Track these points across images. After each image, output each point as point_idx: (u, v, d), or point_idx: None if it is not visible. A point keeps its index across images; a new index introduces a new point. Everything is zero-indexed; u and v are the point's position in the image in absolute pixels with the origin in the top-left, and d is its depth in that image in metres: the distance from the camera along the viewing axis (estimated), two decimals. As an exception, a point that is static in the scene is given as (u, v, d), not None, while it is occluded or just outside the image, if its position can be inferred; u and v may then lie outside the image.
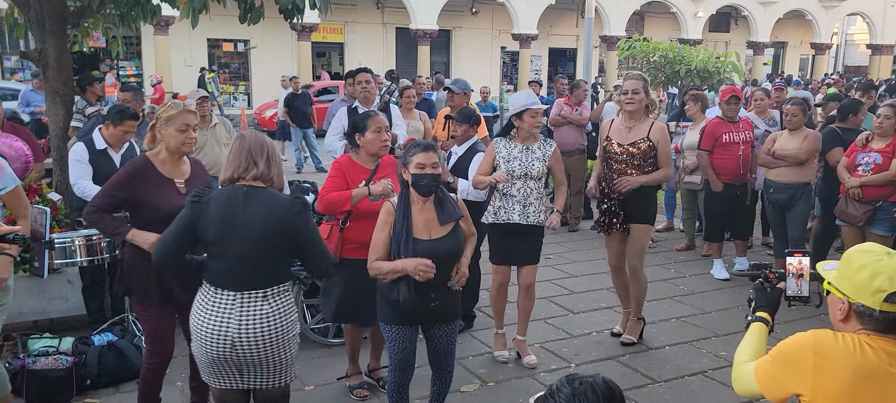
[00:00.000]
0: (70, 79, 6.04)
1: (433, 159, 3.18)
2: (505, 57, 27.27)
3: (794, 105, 5.93)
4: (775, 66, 32.27)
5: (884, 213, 5.26)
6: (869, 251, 1.87)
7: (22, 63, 18.75)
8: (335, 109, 7.33)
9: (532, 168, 4.28)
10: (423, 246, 3.12)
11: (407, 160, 3.21)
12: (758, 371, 1.99)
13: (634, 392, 4.14)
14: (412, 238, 3.12)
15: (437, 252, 3.13)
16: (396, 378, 3.34)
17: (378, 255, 3.20)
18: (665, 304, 5.75)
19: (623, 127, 4.69)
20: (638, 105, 4.59)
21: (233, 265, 2.72)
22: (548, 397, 1.68)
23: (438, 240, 3.17)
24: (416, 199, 3.22)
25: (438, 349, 3.37)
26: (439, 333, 3.33)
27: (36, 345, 4.19)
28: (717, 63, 12.55)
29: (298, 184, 6.03)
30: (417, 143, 3.28)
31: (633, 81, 4.66)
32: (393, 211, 3.21)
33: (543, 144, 4.37)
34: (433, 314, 3.24)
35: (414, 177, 3.17)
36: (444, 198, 3.26)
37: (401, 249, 3.11)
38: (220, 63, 22.45)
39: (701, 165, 6.42)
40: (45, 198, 5.08)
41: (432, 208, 3.22)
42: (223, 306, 2.72)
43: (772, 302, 2.25)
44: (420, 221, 3.18)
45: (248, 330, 2.70)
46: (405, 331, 3.26)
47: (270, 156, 2.80)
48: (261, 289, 2.73)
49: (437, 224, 3.19)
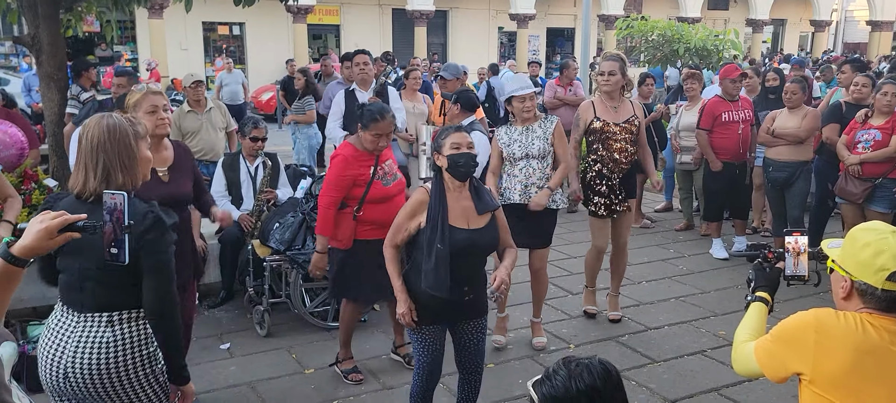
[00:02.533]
0: (64, 65, 5.98)
1: (468, 139, 3.01)
2: (502, 37, 27.12)
3: (793, 83, 5.91)
4: (774, 43, 32.12)
5: (883, 190, 5.26)
6: (873, 229, 1.86)
7: (16, 49, 18.62)
8: (331, 92, 7.32)
9: (532, 147, 4.23)
10: (462, 235, 2.95)
11: (439, 144, 3.02)
12: (758, 351, 1.98)
13: (633, 372, 4.15)
14: (449, 226, 2.93)
15: (475, 243, 2.99)
16: (424, 383, 3.15)
17: (397, 241, 3.06)
18: (664, 284, 5.76)
19: (608, 107, 4.65)
20: (614, 86, 4.59)
21: (74, 282, 2.26)
22: (545, 379, 1.68)
23: (478, 232, 3.00)
24: (452, 186, 3.02)
25: (468, 348, 3.18)
26: (469, 330, 3.15)
27: (35, 332, 4.19)
28: (716, 41, 12.50)
29: (295, 168, 6.01)
30: (447, 127, 3.14)
31: (610, 62, 4.64)
32: (426, 199, 3.02)
33: (544, 122, 4.31)
34: (465, 309, 3.07)
35: (451, 158, 2.96)
36: (480, 186, 3.11)
37: (437, 238, 2.91)
38: (215, 46, 22.30)
39: (700, 144, 6.36)
40: (42, 185, 5.06)
41: (469, 196, 3.04)
42: (63, 328, 2.29)
43: (771, 282, 2.24)
44: (457, 209, 2.99)
45: (82, 359, 2.23)
46: (434, 331, 3.08)
47: (110, 160, 2.23)
48: (105, 312, 2.25)
49: (474, 213, 3.01)
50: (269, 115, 16.31)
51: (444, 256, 2.89)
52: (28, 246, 1.79)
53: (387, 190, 3.82)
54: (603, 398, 1.60)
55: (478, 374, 3.26)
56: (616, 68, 4.58)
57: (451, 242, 2.91)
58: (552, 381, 1.64)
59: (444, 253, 2.89)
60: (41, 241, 1.79)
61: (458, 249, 2.92)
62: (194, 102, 6.23)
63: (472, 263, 3.04)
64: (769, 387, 3.84)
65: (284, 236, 4.54)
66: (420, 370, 3.14)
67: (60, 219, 1.81)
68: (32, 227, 1.80)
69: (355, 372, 4.06)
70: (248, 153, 5.22)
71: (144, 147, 2.36)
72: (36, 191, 4.81)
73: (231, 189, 5.16)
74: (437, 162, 3.04)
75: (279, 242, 4.54)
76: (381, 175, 3.82)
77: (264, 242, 4.64)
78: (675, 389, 3.97)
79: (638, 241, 7.05)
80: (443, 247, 2.89)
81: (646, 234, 7.30)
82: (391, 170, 3.90)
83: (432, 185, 3.05)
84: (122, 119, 2.32)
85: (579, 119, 4.72)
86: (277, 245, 4.54)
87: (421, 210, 3.03)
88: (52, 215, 1.83)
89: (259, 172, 5.17)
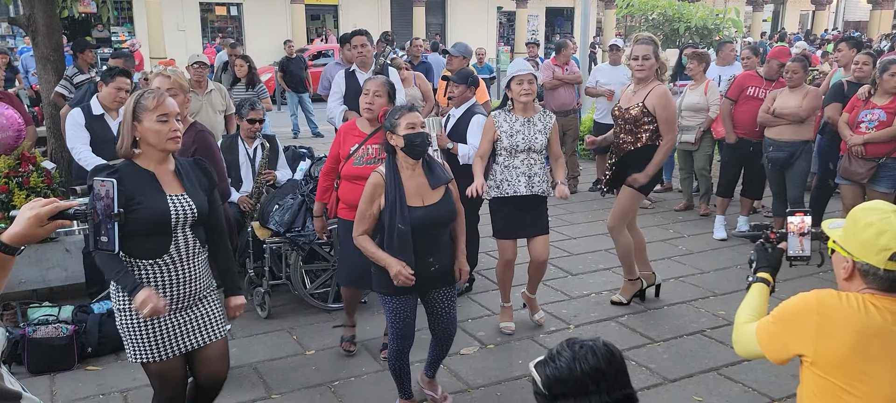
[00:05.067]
0: (60, 46, 5.94)
1: (420, 118, 3.13)
2: (501, 17, 26.94)
3: (794, 61, 5.87)
4: (775, 22, 31.93)
5: (887, 170, 5.23)
6: (875, 209, 1.84)
7: (12, 30, 18.48)
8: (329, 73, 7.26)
9: (535, 141, 4.17)
10: (419, 213, 3.08)
11: (394, 123, 3.11)
12: (759, 332, 1.98)
13: (633, 352, 4.16)
14: (407, 206, 3.07)
15: (433, 219, 3.11)
16: (397, 346, 3.30)
17: (364, 228, 3.16)
18: (664, 264, 5.76)
19: (630, 91, 4.63)
20: (649, 71, 4.44)
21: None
22: (548, 361, 1.68)
23: (433, 207, 3.14)
24: (405, 165, 3.14)
25: (439, 314, 3.35)
26: (439, 298, 3.31)
27: (35, 314, 4.19)
28: (717, 20, 12.41)
29: (295, 150, 5.98)
30: (399, 106, 3.22)
31: (643, 46, 4.44)
32: (381, 182, 3.13)
33: (543, 116, 4.24)
34: (432, 279, 3.21)
35: (407, 138, 3.07)
36: (432, 161, 3.23)
37: (397, 219, 3.04)
38: (213, 27, 22.14)
39: (722, 113, 6.52)
40: (40, 167, 5.03)
41: (422, 173, 3.17)
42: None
43: (773, 263, 2.24)
44: (412, 187, 3.12)
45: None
46: (405, 301, 3.21)
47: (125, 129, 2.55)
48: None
49: (428, 189, 3.15)
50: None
51: (406, 234, 3.05)
52: (18, 233, 1.77)
53: (357, 170, 3.77)
54: (607, 379, 1.59)
55: (449, 339, 3.44)
56: (650, 52, 4.41)
57: (411, 220, 3.03)
58: (556, 363, 1.64)
59: (406, 232, 3.04)
60: (32, 228, 1.77)
61: (417, 227, 3.07)
62: (195, 83, 6.19)
63: (433, 236, 3.16)
64: (769, 367, 3.85)
65: (284, 218, 4.53)
66: (394, 336, 3.28)
67: (51, 206, 1.79)
68: (23, 214, 1.78)
69: (349, 343, 4.16)
70: (247, 135, 5.19)
71: (150, 118, 2.51)
72: (34, 174, 4.79)
73: (230, 171, 5.14)
74: (392, 141, 3.13)
75: (279, 224, 4.53)
76: (360, 154, 3.81)
77: (264, 224, 4.63)
78: (675, 369, 3.99)
79: (638, 222, 7.03)
80: (404, 227, 3.04)
81: (645, 215, 7.29)
82: (376, 154, 3.77)
83: (386, 167, 3.14)
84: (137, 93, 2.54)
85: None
86: (277, 227, 4.53)
87: (378, 193, 3.14)
88: (42, 202, 1.81)
89: (257, 154, 5.15)
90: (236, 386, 3.75)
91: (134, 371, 3.75)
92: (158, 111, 2.51)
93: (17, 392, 1.76)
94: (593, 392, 1.60)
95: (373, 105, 3.83)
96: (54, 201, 1.82)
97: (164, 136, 2.52)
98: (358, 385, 3.82)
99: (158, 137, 2.52)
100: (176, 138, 2.56)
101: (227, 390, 3.72)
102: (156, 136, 2.52)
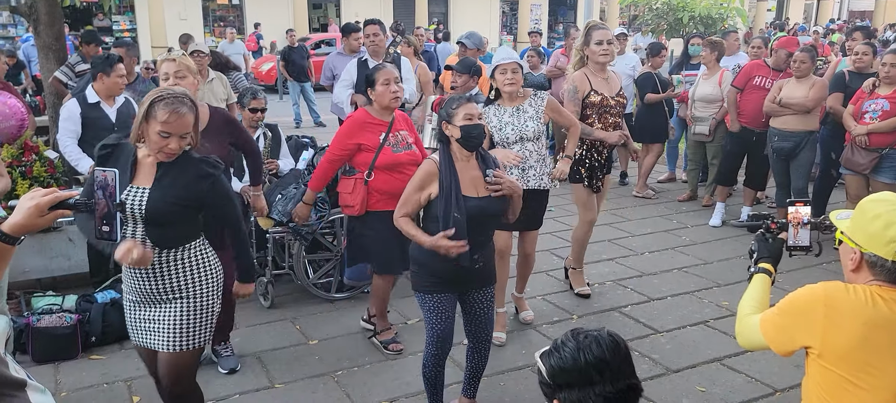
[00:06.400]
0: (62, 35, 5.92)
1: (477, 110, 3.01)
2: (504, 6, 26.82)
3: (802, 51, 5.84)
4: (779, 11, 31.76)
5: (890, 161, 5.21)
6: (884, 200, 1.82)
7: (14, 19, 18.44)
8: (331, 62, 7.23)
9: (526, 129, 3.96)
10: (473, 204, 2.96)
11: (450, 113, 2.99)
12: (764, 324, 1.96)
13: (636, 343, 4.16)
14: (462, 196, 2.93)
15: (487, 210, 3.00)
16: (436, 351, 3.12)
17: (407, 211, 3.04)
18: (667, 255, 5.76)
19: (600, 79, 4.51)
20: (613, 56, 4.53)
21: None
22: (553, 351, 1.67)
23: (487, 198, 2.99)
24: (461, 156, 3.01)
25: (478, 316, 3.18)
26: (479, 298, 3.15)
27: (39, 303, 4.20)
28: (721, 9, 12.36)
29: (297, 140, 5.96)
30: (457, 97, 3.10)
31: (604, 31, 4.49)
32: (435, 170, 3.01)
33: (534, 100, 4.02)
34: (475, 277, 3.08)
35: (464, 129, 2.94)
36: (486, 154, 3.11)
37: (452, 208, 2.90)
38: (215, 16, 22.07)
39: (728, 101, 6.54)
40: (43, 157, 5.04)
41: (476, 166, 3.03)
42: None
43: (774, 253, 2.22)
44: (466, 179, 2.98)
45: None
46: (445, 298, 3.06)
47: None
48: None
49: (482, 181, 3.00)
50: (269, 86, 16.21)
51: (462, 224, 2.90)
52: (18, 223, 1.77)
53: (396, 157, 3.81)
54: (611, 369, 1.59)
55: (487, 342, 3.26)
56: (612, 36, 4.49)
57: (466, 210, 2.91)
58: (560, 353, 1.63)
59: (462, 221, 2.90)
60: (32, 218, 1.77)
61: (472, 217, 2.94)
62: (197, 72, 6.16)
63: (483, 231, 3.06)
64: (772, 358, 3.85)
65: (287, 208, 4.52)
66: (432, 337, 3.11)
67: (51, 196, 1.79)
68: (23, 204, 1.78)
69: (395, 342, 4.06)
70: (248, 124, 5.17)
71: (155, 127, 2.53)
72: (36, 163, 4.79)
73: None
74: (448, 132, 3.01)
75: (282, 214, 4.52)
76: (392, 142, 3.82)
77: (267, 214, 4.62)
78: (678, 359, 3.99)
79: (640, 212, 7.04)
80: (460, 217, 2.90)
81: (648, 205, 7.28)
82: (405, 139, 3.88)
83: (440, 156, 3.02)
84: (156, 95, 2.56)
85: (576, 90, 4.46)
86: (280, 216, 4.52)
87: (430, 182, 3.01)
88: (43, 192, 1.81)
89: (260, 143, 5.13)
90: (239, 375, 3.76)
91: (138, 360, 3.75)
92: (163, 127, 2.52)
93: (22, 380, 1.76)
94: (598, 383, 1.59)
95: (400, 93, 3.84)
96: (54, 191, 1.82)
97: (157, 147, 2.57)
98: (361, 375, 3.82)
99: (154, 146, 2.59)
100: (169, 154, 2.60)
101: (230, 379, 3.75)
102: (153, 145, 2.59)
